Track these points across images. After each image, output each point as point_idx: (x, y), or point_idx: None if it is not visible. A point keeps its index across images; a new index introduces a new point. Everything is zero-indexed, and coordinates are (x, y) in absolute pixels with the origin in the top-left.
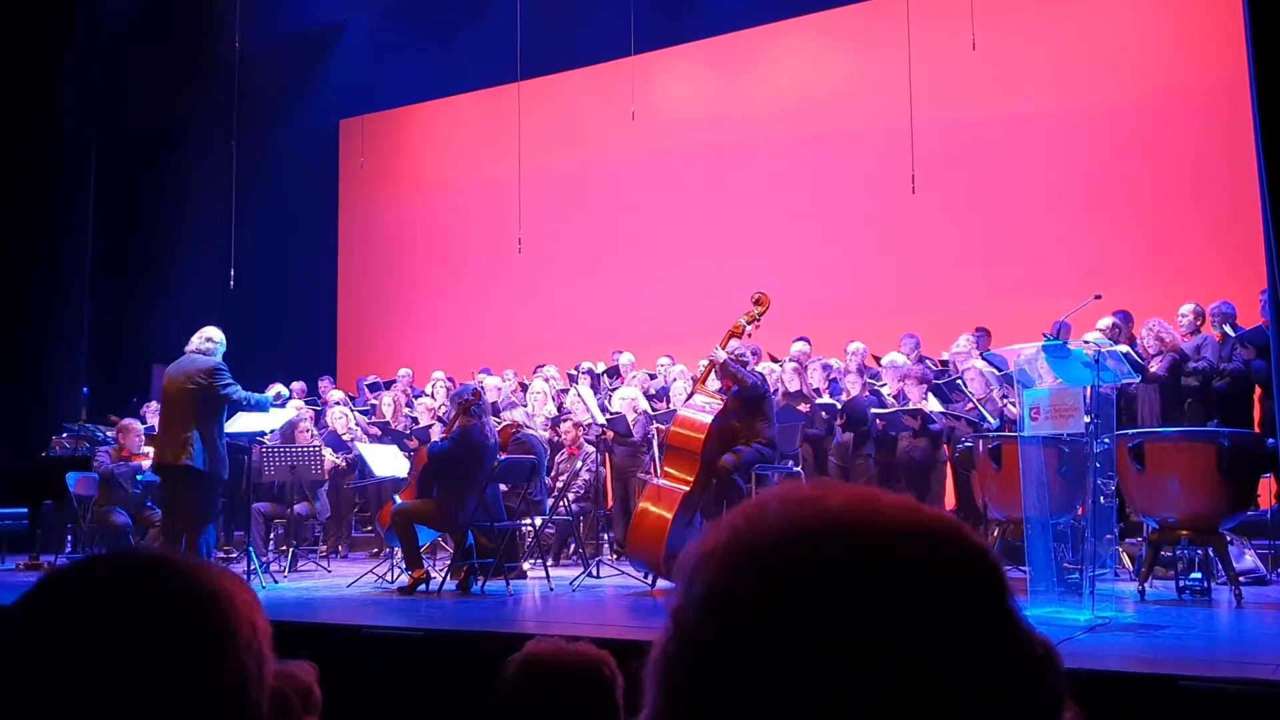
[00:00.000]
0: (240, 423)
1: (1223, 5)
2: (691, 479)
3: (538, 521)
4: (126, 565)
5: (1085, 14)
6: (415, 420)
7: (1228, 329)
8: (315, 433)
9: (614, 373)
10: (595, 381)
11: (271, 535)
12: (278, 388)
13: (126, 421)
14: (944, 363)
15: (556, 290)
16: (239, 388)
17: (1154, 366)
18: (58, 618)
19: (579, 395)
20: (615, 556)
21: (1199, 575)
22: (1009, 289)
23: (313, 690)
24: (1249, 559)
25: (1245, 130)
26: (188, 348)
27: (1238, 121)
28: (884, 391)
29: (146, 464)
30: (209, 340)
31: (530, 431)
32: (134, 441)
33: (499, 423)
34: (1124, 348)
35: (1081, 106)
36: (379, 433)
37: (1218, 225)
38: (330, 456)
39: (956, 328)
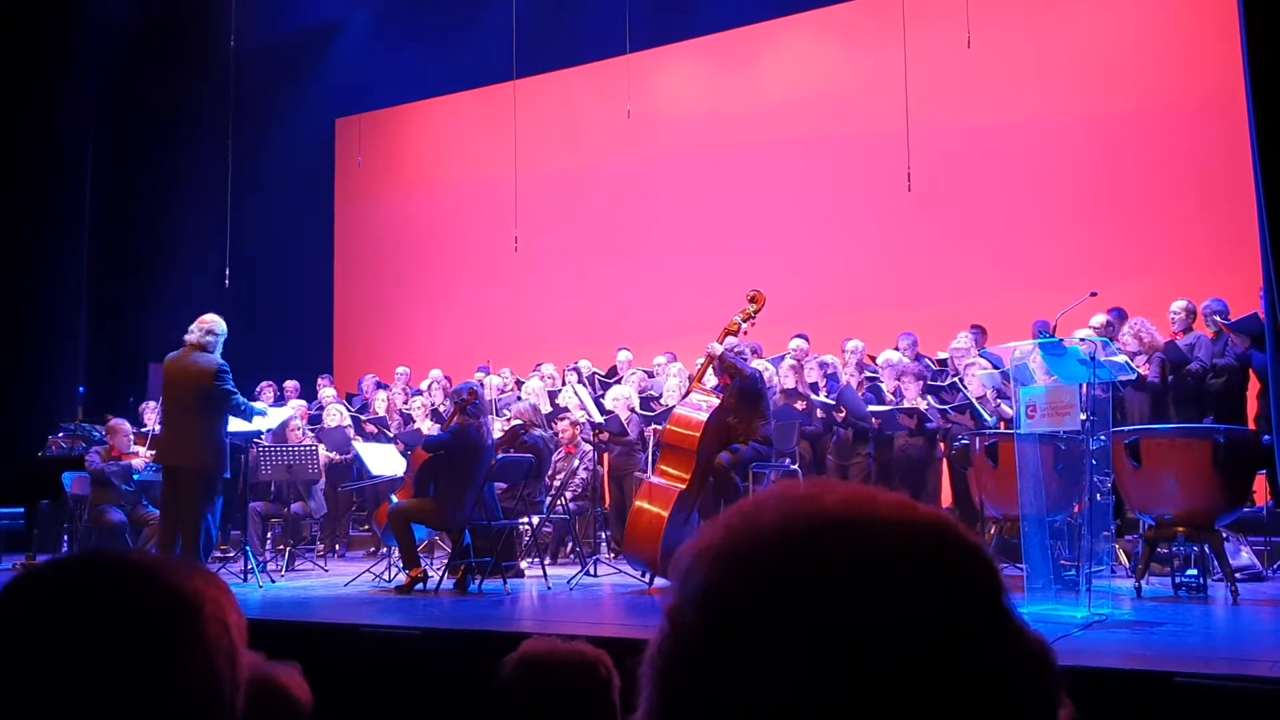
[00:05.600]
0: (239, 423)
1: (1219, 3)
2: (687, 477)
3: (535, 520)
4: (87, 568)
5: (1081, 12)
6: (410, 419)
7: (1218, 317)
8: (307, 431)
9: (612, 372)
10: (581, 379)
11: (268, 535)
12: (260, 407)
13: (115, 422)
14: (942, 361)
15: (553, 288)
16: (237, 393)
17: (1141, 368)
18: (12, 622)
19: (575, 393)
20: (613, 555)
21: (1195, 572)
22: (1005, 286)
23: (293, 694)
24: (1245, 555)
25: (1241, 127)
26: (188, 338)
27: (1234, 119)
28: (883, 388)
29: (138, 462)
30: (210, 333)
31: (539, 433)
32: (123, 442)
33: (507, 419)
34: (1122, 358)
35: (1077, 104)
36: (375, 430)
37: (1214, 222)
38: (324, 452)
39: (952, 325)
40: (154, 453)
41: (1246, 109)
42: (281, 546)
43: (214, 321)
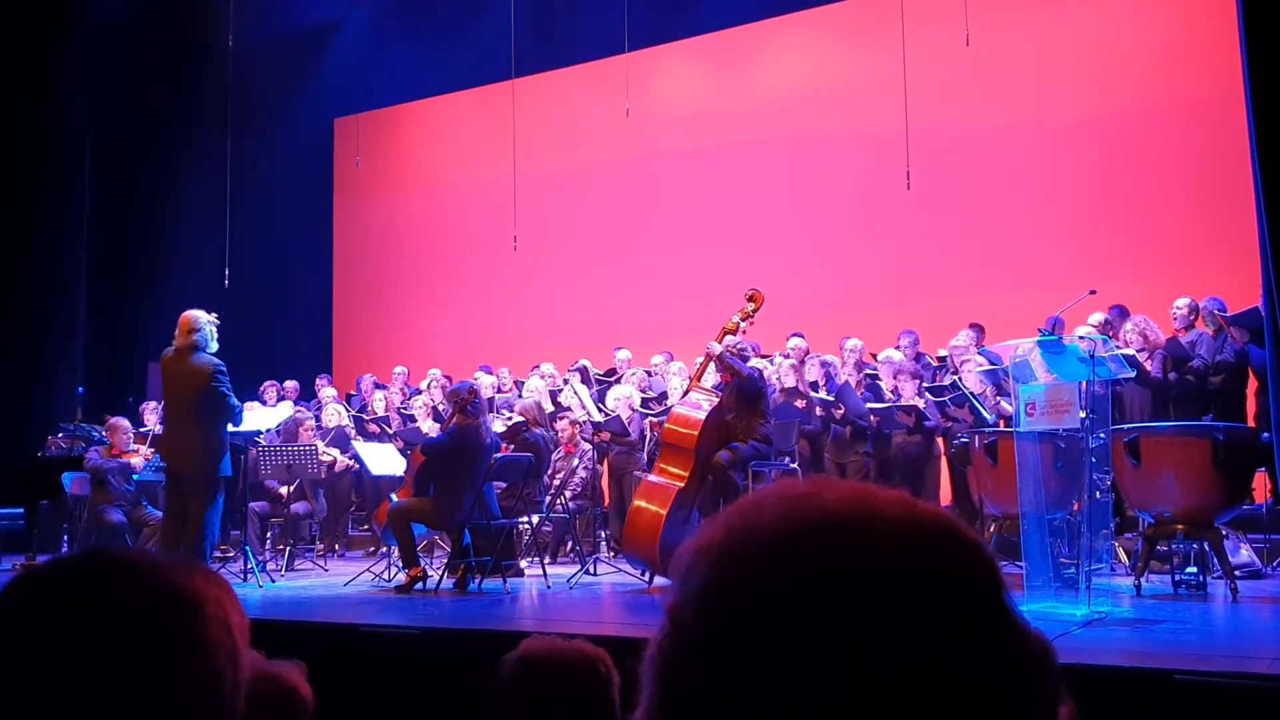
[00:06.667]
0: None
1: (1218, 2)
2: (686, 475)
3: (534, 519)
4: (88, 567)
5: (1081, 10)
6: (411, 418)
7: (1217, 311)
8: (317, 429)
9: (611, 372)
10: (586, 377)
11: (268, 534)
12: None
13: (115, 420)
14: (942, 359)
15: (552, 288)
16: (231, 394)
17: (1144, 363)
18: (13, 622)
19: (575, 393)
20: (612, 554)
21: (1195, 569)
22: (1003, 284)
23: (298, 691)
24: (1244, 553)
25: (1240, 124)
26: (179, 342)
27: (1233, 118)
28: (881, 386)
29: (137, 461)
30: (194, 331)
31: (540, 431)
32: (123, 439)
33: (508, 417)
34: (1129, 350)
35: (1076, 102)
36: (377, 430)
37: (1213, 219)
38: (334, 454)
39: (951, 323)
40: (152, 451)
41: (1245, 109)
42: (281, 546)
43: (195, 318)
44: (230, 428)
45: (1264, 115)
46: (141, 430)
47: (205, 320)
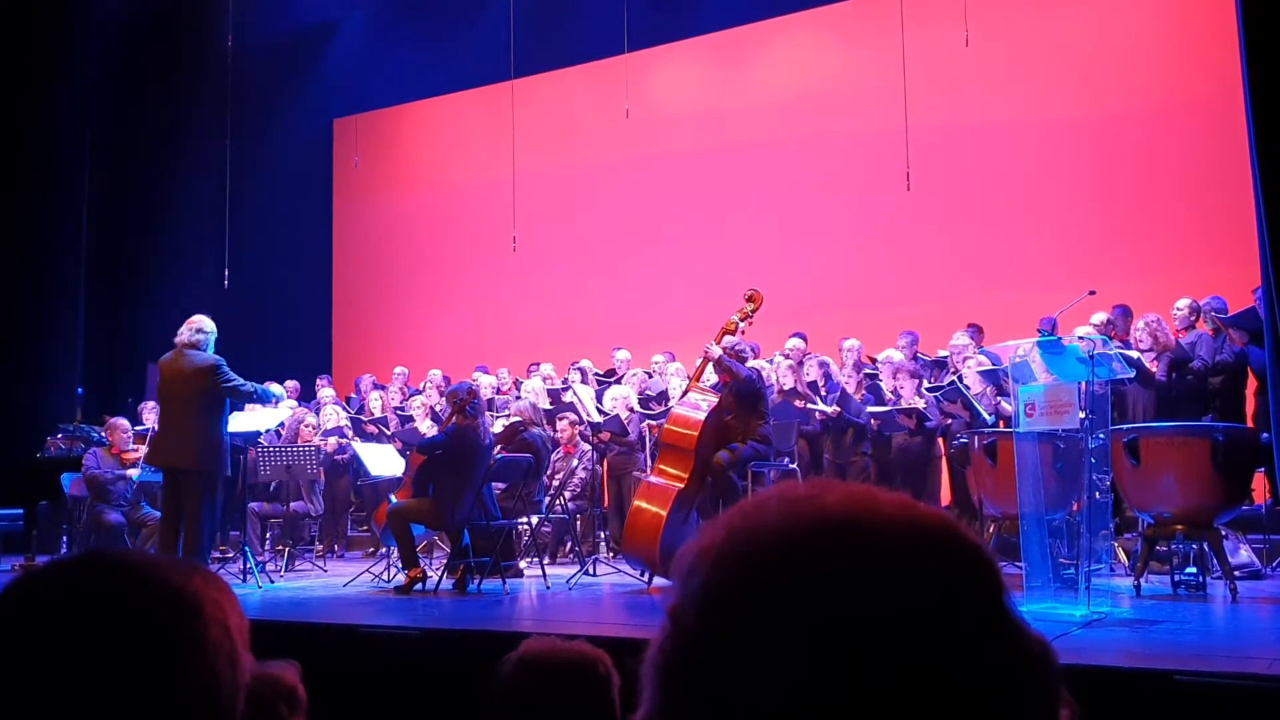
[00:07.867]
0: (238, 422)
1: (1217, 1)
2: (686, 476)
3: (534, 520)
4: (87, 569)
5: (1080, 10)
6: (409, 419)
7: (1214, 314)
8: (318, 428)
9: (611, 372)
10: (585, 378)
11: (267, 535)
12: (275, 387)
13: (114, 420)
14: (941, 359)
15: (552, 288)
16: (241, 380)
17: (1151, 366)
18: (12, 623)
19: (575, 393)
20: (612, 555)
21: (1194, 570)
22: (1003, 284)
23: (296, 691)
24: (1244, 553)
25: (1238, 124)
26: (178, 339)
27: (1232, 117)
28: (882, 387)
29: (134, 472)
30: (200, 332)
31: (538, 431)
32: (122, 439)
33: (507, 415)
34: (1133, 352)
35: (1075, 102)
36: (376, 431)
37: (1211, 220)
38: (329, 441)
39: (950, 323)
40: (148, 451)
41: (1244, 108)
42: (280, 547)
43: (203, 320)
44: (250, 424)
45: (1263, 115)
46: (140, 430)
47: (213, 327)
